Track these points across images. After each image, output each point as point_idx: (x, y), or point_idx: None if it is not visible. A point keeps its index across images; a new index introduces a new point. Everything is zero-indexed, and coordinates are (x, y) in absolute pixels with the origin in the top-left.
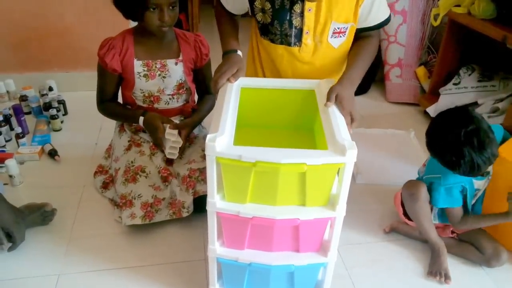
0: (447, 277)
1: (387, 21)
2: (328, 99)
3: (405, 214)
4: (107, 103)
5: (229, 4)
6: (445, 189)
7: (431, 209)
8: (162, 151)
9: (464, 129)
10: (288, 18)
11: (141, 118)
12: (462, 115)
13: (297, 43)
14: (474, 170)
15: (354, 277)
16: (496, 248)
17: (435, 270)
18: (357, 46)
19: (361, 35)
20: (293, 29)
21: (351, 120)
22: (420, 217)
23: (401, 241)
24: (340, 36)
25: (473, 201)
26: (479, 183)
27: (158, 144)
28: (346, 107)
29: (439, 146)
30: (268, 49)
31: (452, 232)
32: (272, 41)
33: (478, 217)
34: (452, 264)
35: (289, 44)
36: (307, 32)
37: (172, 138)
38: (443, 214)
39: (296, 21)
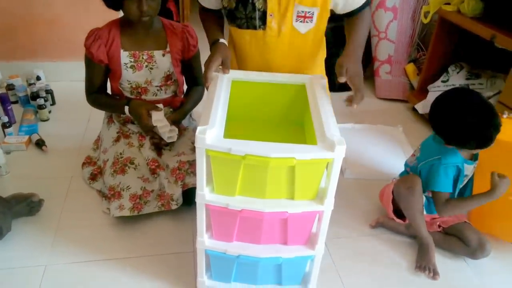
0: (435, 273)
1: (368, 2)
2: (340, 73)
3: (395, 212)
4: (95, 94)
5: (204, 0)
6: (444, 168)
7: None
8: (150, 139)
9: (471, 100)
10: (250, 0)
11: (126, 108)
12: (463, 91)
13: (262, 26)
14: (488, 139)
15: (341, 270)
16: (481, 239)
17: (424, 264)
18: (350, 25)
19: (350, 18)
20: (257, 12)
21: (360, 97)
22: (415, 212)
23: (387, 236)
24: (307, 21)
25: (461, 186)
26: (469, 168)
27: (146, 131)
28: (356, 83)
29: (450, 123)
30: (236, 37)
31: (439, 226)
32: (239, 26)
33: (463, 199)
34: (437, 256)
35: (254, 28)
36: (271, 15)
37: (160, 124)
38: (429, 205)
39: (259, 3)
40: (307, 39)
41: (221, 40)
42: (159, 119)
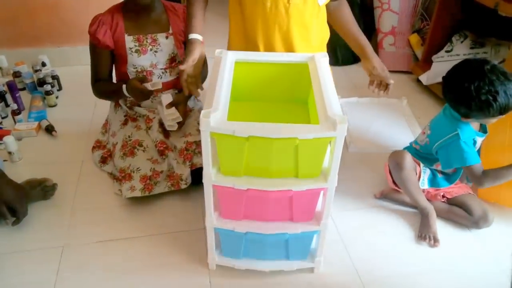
0: (436, 240)
1: None
2: (388, 78)
3: (394, 182)
4: (99, 83)
5: None
6: (464, 143)
7: (420, 176)
8: (159, 124)
9: (485, 66)
10: None
11: (124, 87)
12: (475, 61)
13: None
14: (509, 103)
15: (347, 241)
16: (484, 210)
17: (425, 233)
18: (347, 21)
19: (333, 4)
20: None
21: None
22: (407, 185)
23: (391, 207)
24: None
25: None
26: (480, 140)
27: (143, 98)
28: (387, 74)
29: (469, 93)
30: (253, 7)
31: (443, 196)
32: None
33: (502, 168)
34: (441, 227)
35: None
36: None
37: (172, 117)
38: (434, 179)
39: None
40: (321, 13)
41: (194, 36)
42: (171, 113)
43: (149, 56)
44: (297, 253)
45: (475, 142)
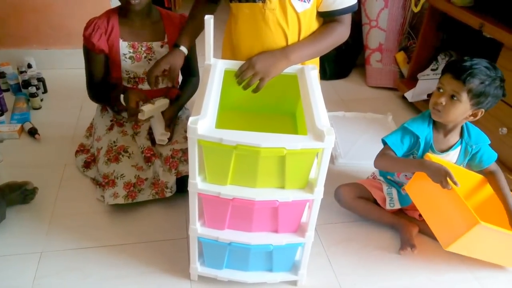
0: (412, 246)
1: (354, 7)
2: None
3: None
4: (95, 88)
5: None
6: (403, 128)
7: (385, 198)
8: (147, 131)
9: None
10: None
11: (122, 96)
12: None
13: None
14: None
15: (331, 255)
16: None
17: (403, 245)
18: (317, 29)
19: (327, 19)
20: None
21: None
22: (367, 216)
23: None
24: (304, 1)
25: None
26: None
27: (130, 115)
28: (261, 70)
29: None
30: (236, 13)
31: (420, 216)
32: (239, 0)
33: (395, 158)
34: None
35: (254, 0)
36: None
37: (164, 137)
38: (403, 198)
39: None
40: (302, 20)
41: (182, 48)
42: (165, 133)
43: (142, 64)
44: (280, 265)
45: (419, 144)
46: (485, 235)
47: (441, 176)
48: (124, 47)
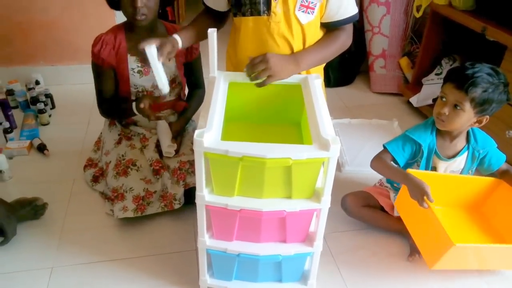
0: (420, 253)
1: (355, 16)
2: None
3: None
4: (106, 104)
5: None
6: (404, 136)
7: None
8: (155, 144)
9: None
10: None
11: (133, 104)
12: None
13: (266, 12)
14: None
15: (340, 264)
16: None
17: (412, 251)
18: (322, 37)
19: (330, 29)
20: None
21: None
22: (375, 224)
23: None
24: (308, 12)
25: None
26: (440, 162)
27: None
28: (272, 67)
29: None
30: (241, 27)
31: None
32: (244, 14)
33: (386, 164)
34: None
35: (258, 13)
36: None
37: (171, 150)
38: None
39: None
40: (306, 32)
41: (175, 36)
42: (172, 146)
43: (150, 77)
44: (290, 275)
45: (422, 152)
46: (466, 252)
47: (418, 194)
48: (132, 61)
